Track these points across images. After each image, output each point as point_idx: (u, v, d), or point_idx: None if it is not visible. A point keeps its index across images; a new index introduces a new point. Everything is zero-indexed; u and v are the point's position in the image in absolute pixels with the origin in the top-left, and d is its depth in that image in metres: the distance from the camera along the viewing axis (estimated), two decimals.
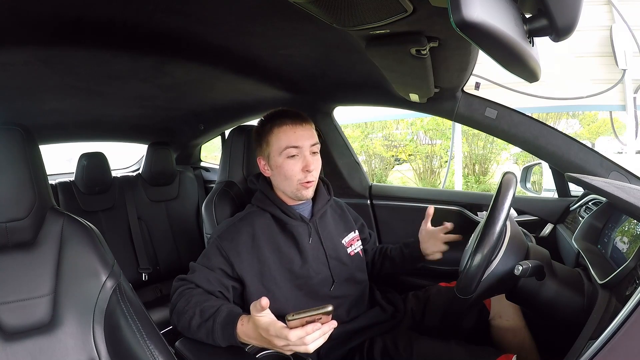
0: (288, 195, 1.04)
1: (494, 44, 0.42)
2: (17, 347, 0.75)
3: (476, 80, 1.54)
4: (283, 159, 0.99)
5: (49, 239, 0.83)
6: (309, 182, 1.00)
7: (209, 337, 0.82)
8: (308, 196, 1.02)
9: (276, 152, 0.99)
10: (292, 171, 0.99)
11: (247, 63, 1.11)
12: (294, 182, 0.99)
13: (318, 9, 0.59)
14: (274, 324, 0.72)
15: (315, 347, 0.70)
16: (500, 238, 0.81)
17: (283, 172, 1.00)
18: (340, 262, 1.08)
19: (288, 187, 1.01)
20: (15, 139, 0.79)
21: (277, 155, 0.99)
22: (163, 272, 2.01)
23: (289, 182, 1.00)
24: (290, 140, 0.98)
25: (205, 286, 0.92)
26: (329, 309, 0.67)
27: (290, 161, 0.99)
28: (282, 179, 1.01)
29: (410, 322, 1.14)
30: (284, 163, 0.99)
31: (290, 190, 1.02)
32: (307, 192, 1.01)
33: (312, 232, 1.05)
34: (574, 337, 0.66)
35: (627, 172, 1.02)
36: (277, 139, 0.99)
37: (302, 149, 0.99)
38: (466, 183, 5.79)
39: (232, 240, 0.98)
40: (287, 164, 0.99)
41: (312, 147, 1.00)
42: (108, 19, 0.79)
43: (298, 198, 1.03)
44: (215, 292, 0.92)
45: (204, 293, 0.91)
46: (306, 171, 0.98)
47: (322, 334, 0.71)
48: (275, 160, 1.00)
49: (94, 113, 1.65)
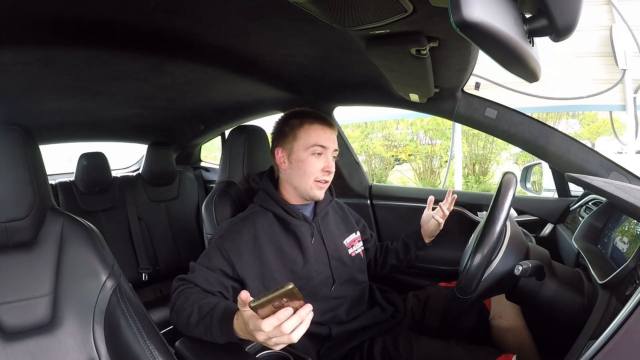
0: (299, 192, 1.04)
1: (494, 44, 0.42)
2: (17, 347, 0.75)
3: (476, 80, 1.54)
4: (308, 154, 1.01)
5: (49, 239, 0.83)
6: (325, 182, 1.02)
7: (207, 334, 0.81)
8: (319, 197, 1.03)
9: (302, 147, 1.01)
10: (314, 168, 1.00)
11: (247, 63, 1.11)
12: (311, 179, 1.01)
13: (318, 9, 0.59)
14: (252, 318, 0.68)
15: (298, 335, 0.65)
16: (500, 238, 0.81)
17: (304, 167, 1.01)
18: (341, 262, 1.08)
19: (302, 184, 1.02)
20: (15, 139, 0.79)
21: (303, 150, 1.01)
22: (163, 272, 2.01)
23: (306, 179, 1.01)
24: (320, 139, 1.00)
25: (205, 286, 0.91)
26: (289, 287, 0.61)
27: (313, 158, 1.01)
28: (299, 174, 1.02)
29: (410, 322, 1.14)
30: (307, 159, 1.01)
31: (303, 188, 1.02)
32: (319, 192, 1.03)
33: (315, 232, 1.05)
34: (574, 337, 0.66)
35: (627, 172, 1.02)
36: (306, 134, 1.01)
37: (327, 151, 1.02)
38: (466, 183, 5.79)
39: (233, 240, 0.98)
40: (310, 160, 1.00)
41: (334, 152, 1.04)
42: (108, 19, 0.79)
43: (309, 197, 1.03)
44: (215, 292, 0.92)
45: (202, 292, 0.91)
46: (326, 171, 1.01)
47: (300, 320, 0.64)
48: (299, 155, 1.01)
49: (94, 113, 1.65)
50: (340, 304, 1.06)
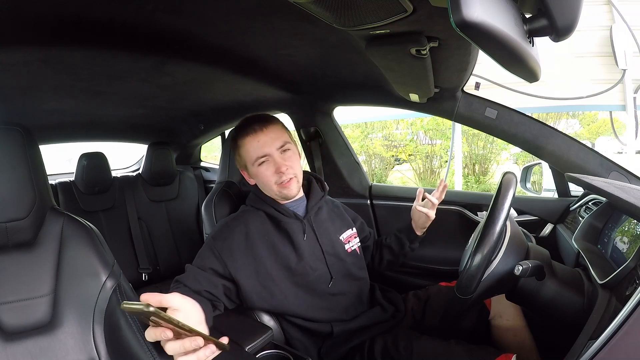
0: (276, 197, 1.06)
1: (494, 44, 0.42)
2: (17, 347, 0.75)
3: (476, 80, 1.55)
4: (256, 167, 1.02)
5: (49, 239, 0.83)
6: (287, 181, 1.01)
7: None
8: (292, 194, 1.03)
9: (250, 163, 1.03)
10: (267, 176, 1.01)
11: (247, 63, 1.11)
12: (273, 186, 1.02)
13: (318, 9, 0.59)
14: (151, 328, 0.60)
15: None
16: (500, 238, 0.81)
17: (260, 179, 1.03)
18: (337, 258, 1.08)
19: (270, 191, 1.04)
20: (15, 139, 0.79)
21: (252, 166, 1.03)
22: (163, 272, 2.01)
23: (269, 187, 1.03)
24: (256, 150, 1.01)
25: (192, 285, 0.93)
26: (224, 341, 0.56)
27: (262, 168, 1.02)
28: (263, 185, 1.05)
29: (410, 321, 1.14)
30: (258, 171, 1.02)
31: (273, 194, 1.04)
32: (289, 190, 1.02)
33: (307, 228, 1.06)
34: (574, 337, 0.66)
35: (627, 172, 1.02)
36: (246, 152, 1.03)
37: (270, 154, 1.01)
38: (466, 183, 5.79)
39: (225, 240, 1.00)
40: (261, 171, 1.02)
41: (280, 149, 1.02)
42: (108, 19, 0.79)
43: (285, 197, 1.05)
44: (202, 292, 0.93)
45: (189, 291, 0.91)
46: (279, 172, 1.00)
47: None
48: (252, 170, 1.04)
49: (94, 113, 1.65)
50: (339, 301, 1.06)
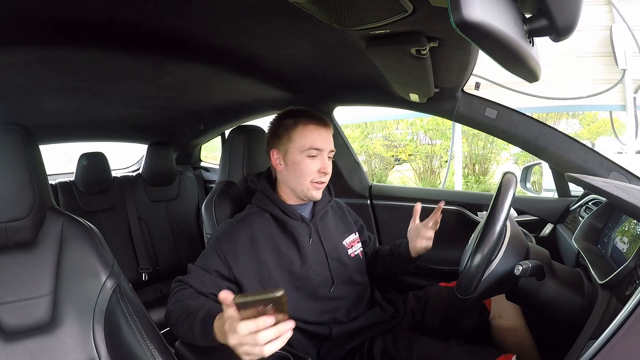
0: (296, 193, 1.04)
1: (494, 44, 0.42)
2: (17, 347, 0.75)
3: (476, 80, 1.54)
4: (303, 157, 1.00)
5: (49, 239, 0.83)
6: (322, 183, 1.02)
7: (189, 333, 0.80)
8: (316, 197, 1.03)
9: (297, 149, 1.00)
10: (310, 169, 1.00)
11: (247, 63, 1.11)
12: (307, 181, 1.00)
13: (318, 9, 0.59)
14: (231, 318, 0.64)
15: (271, 350, 0.61)
16: (500, 238, 0.81)
17: (299, 169, 1.00)
18: (340, 263, 1.08)
19: (299, 185, 1.02)
20: (15, 139, 0.79)
21: (298, 153, 1.00)
22: (163, 272, 2.01)
23: (302, 180, 1.01)
24: (315, 141, 0.99)
25: (198, 287, 0.92)
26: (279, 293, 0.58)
27: (309, 160, 1.00)
28: (295, 176, 1.02)
29: (410, 322, 1.14)
30: (303, 161, 1.00)
31: (300, 189, 1.02)
32: (317, 192, 1.02)
33: (313, 232, 1.05)
34: (574, 337, 0.66)
35: (627, 172, 1.02)
36: (301, 137, 1.00)
37: (323, 152, 1.01)
38: (466, 183, 5.79)
39: (230, 242, 0.99)
40: (306, 162, 1.00)
41: (330, 152, 1.03)
42: (108, 19, 0.79)
43: (306, 198, 1.03)
44: (208, 294, 0.92)
45: (195, 293, 0.91)
46: (322, 173, 1.00)
47: (277, 334, 0.61)
48: (294, 157, 1.01)
49: (94, 113, 1.65)
50: (339, 305, 1.05)
